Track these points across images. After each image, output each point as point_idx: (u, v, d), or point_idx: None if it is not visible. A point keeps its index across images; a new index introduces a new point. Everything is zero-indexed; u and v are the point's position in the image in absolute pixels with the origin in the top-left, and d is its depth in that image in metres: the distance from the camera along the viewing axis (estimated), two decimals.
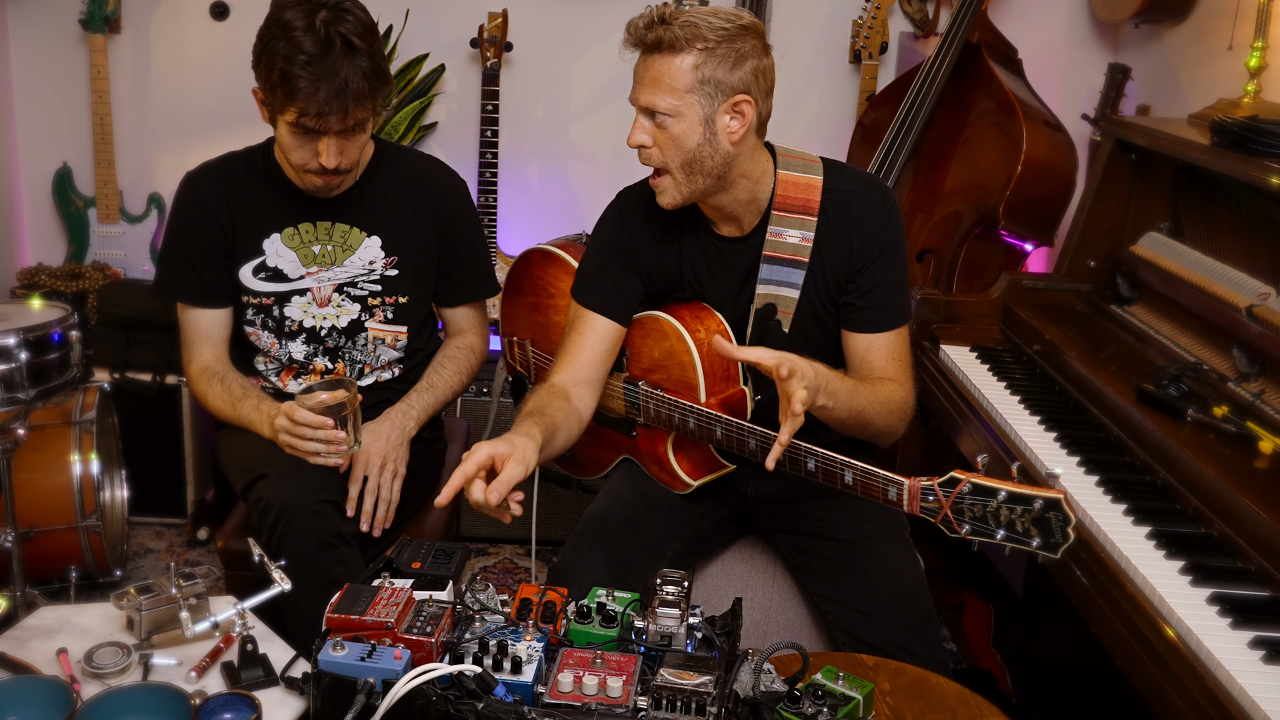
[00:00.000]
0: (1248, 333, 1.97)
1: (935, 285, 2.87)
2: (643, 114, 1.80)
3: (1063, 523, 1.44)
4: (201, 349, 2.15)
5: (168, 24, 3.33)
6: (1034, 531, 1.47)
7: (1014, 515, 1.47)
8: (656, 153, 1.81)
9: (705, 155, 1.80)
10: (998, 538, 1.50)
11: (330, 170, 1.98)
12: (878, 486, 1.63)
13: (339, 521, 1.95)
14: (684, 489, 1.99)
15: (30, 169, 3.40)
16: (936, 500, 1.55)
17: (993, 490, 1.50)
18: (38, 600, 2.30)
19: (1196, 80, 2.73)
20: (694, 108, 1.76)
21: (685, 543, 1.99)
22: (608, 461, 2.16)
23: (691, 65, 1.75)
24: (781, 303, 1.91)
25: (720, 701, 1.35)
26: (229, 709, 1.50)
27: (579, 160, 3.48)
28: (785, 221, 1.89)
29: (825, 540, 1.95)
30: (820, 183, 1.89)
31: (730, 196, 1.87)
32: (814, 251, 1.89)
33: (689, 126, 1.77)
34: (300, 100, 1.88)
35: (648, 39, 1.76)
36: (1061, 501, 1.45)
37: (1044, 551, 1.47)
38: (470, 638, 1.47)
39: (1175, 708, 1.44)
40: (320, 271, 2.13)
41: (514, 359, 2.37)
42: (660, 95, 1.76)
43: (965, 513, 1.52)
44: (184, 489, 3.10)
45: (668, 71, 1.75)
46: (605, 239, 2.00)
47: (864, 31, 3.25)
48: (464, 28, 3.25)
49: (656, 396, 1.94)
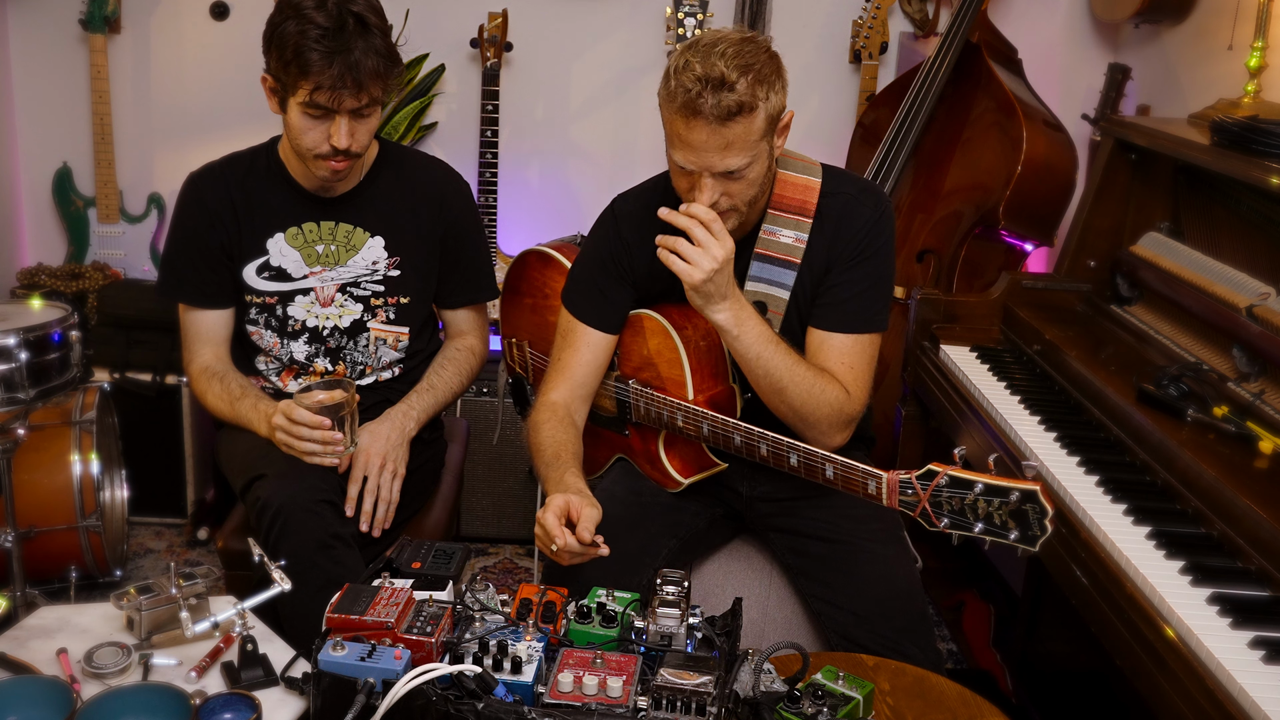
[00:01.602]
0: (1248, 333, 1.97)
1: (935, 285, 2.87)
2: (712, 176, 1.73)
3: (1040, 515, 1.44)
4: (202, 349, 2.15)
5: (168, 24, 3.33)
6: (1011, 524, 1.47)
7: (991, 508, 1.47)
8: (726, 200, 1.77)
9: (766, 181, 1.82)
10: (976, 530, 1.49)
11: (341, 151, 1.97)
12: (857, 480, 1.64)
13: (336, 522, 1.95)
14: (676, 487, 2.00)
15: (30, 169, 3.40)
16: (914, 493, 1.55)
17: (970, 483, 1.49)
18: (38, 600, 2.30)
19: (1196, 80, 2.73)
20: (764, 149, 1.76)
21: (680, 541, 1.99)
22: (603, 461, 2.16)
23: (764, 116, 1.71)
24: (772, 302, 1.91)
25: (720, 701, 1.35)
26: (229, 709, 1.50)
27: (579, 160, 3.48)
28: (780, 221, 1.89)
29: (820, 540, 1.94)
30: (818, 185, 1.89)
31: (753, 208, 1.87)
32: (805, 253, 1.89)
33: (763, 166, 1.77)
34: (314, 75, 1.88)
35: (719, 110, 1.66)
36: (1038, 493, 1.44)
37: (1022, 545, 1.46)
38: (470, 638, 1.47)
39: (1175, 708, 1.44)
40: (324, 271, 2.13)
41: (513, 360, 2.37)
42: (738, 156, 1.71)
43: (943, 505, 1.52)
44: (184, 489, 3.10)
45: (745, 133, 1.70)
46: (599, 249, 1.99)
47: (864, 31, 3.25)
48: (464, 28, 3.25)
49: (646, 394, 1.95)
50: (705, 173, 1.74)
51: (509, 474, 3.11)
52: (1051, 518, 1.44)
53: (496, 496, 3.13)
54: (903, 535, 1.99)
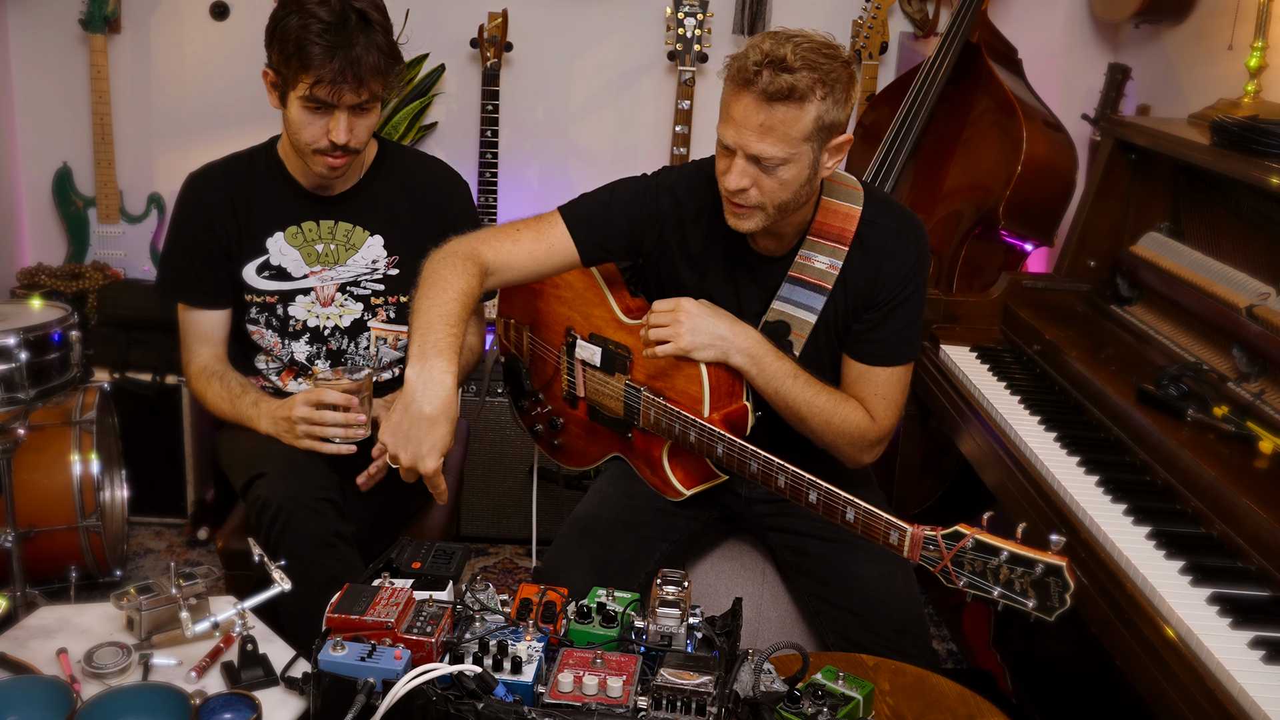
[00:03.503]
0: (1248, 333, 1.97)
1: (935, 285, 2.87)
2: (745, 158, 1.71)
3: (1061, 589, 1.41)
4: (201, 349, 2.15)
5: (168, 24, 3.33)
6: (1031, 593, 1.44)
7: (1014, 575, 1.45)
8: (755, 193, 1.73)
9: (803, 195, 1.76)
10: (994, 594, 1.47)
11: (340, 147, 1.97)
12: (879, 529, 1.60)
13: (337, 520, 1.95)
14: (676, 496, 1.97)
15: (30, 169, 3.40)
16: (938, 551, 1.53)
17: (996, 549, 1.47)
18: (38, 600, 2.29)
19: (1196, 80, 2.73)
20: (806, 154, 1.70)
21: (674, 544, 1.98)
22: (598, 456, 2.15)
23: (814, 116, 1.67)
24: (796, 324, 1.90)
25: (720, 701, 1.35)
26: (229, 709, 1.50)
27: (579, 160, 3.48)
28: (818, 248, 1.87)
29: (818, 539, 1.94)
30: (859, 213, 1.86)
31: (792, 217, 1.83)
32: (839, 279, 1.87)
33: (798, 172, 1.71)
34: (315, 69, 1.89)
35: (771, 88, 1.64)
36: (1063, 569, 1.41)
37: (1039, 614, 1.44)
38: (470, 638, 1.47)
39: (1175, 708, 1.44)
40: (324, 271, 2.14)
41: (509, 341, 2.32)
42: (776, 145, 1.68)
43: (965, 566, 1.49)
44: (184, 489, 3.10)
45: (789, 121, 1.66)
46: (627, 199, 1.94)
47: (864, 31, 3.25)
48: (464, 28, 3.25)
49: (658, 405, 1.91)
50: (740, 153, 1.71)
51: (509, 474, 3.11)
52: (1073, 592, 1.41)
53: (496, 496, 3.13)
54: None
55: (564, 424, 2.19)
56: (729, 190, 1.74)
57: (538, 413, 2.25)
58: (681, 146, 3.21)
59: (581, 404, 2.12)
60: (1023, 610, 1.45)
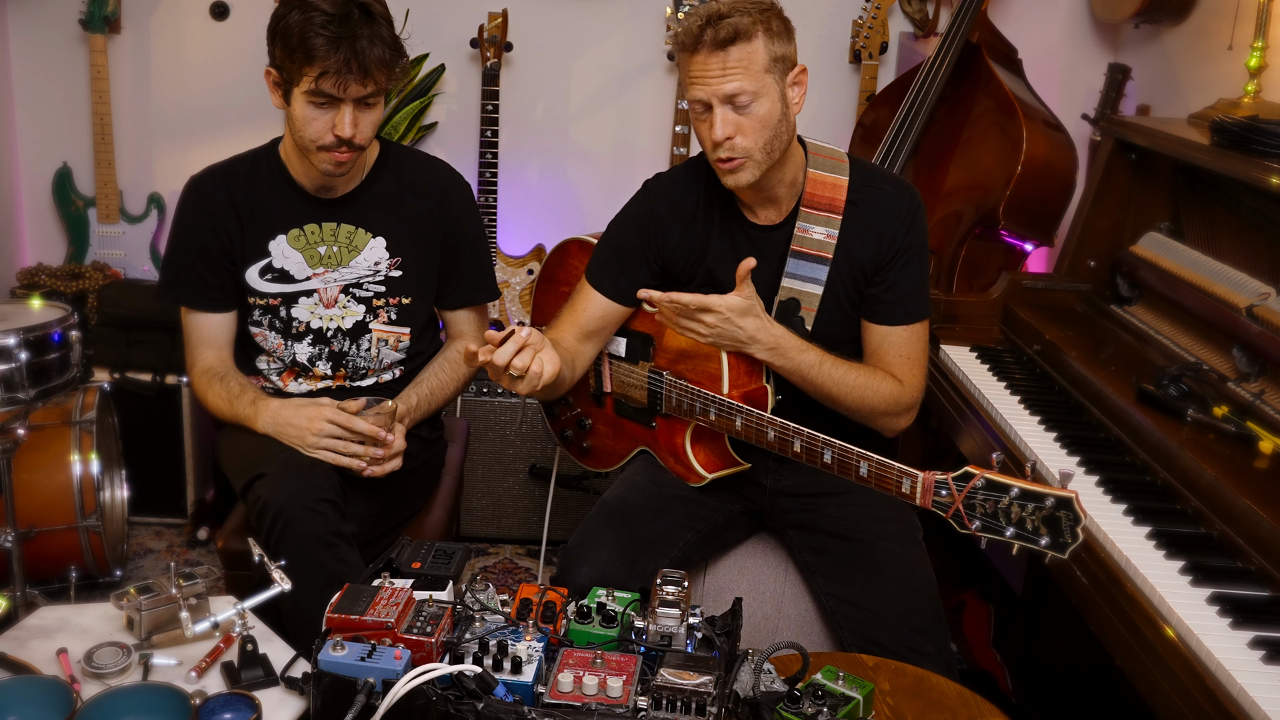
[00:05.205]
0: (1248, 333, 1.97)
1: (935, 285, 2.86)
2: (722, 105, 1.81)
3: (1072, 522, 1.44)
4: (205, 353, 2.15)
5: (168, 24, 3.33)
6: (1043, 530, 1.47)
7: (1025, 513, 1.48)
8: (741, 140, 1.83)
9: (782, 131, 1.86)
10: (1007, 535, 1.50)
11: (345, 142, 1.96)
12: (891, 479, 1.65)
13: (337, 520, 1.95)
14: (699, 481, 2.02)
15: (30, 169, 3.40)
16: (950, 494, 1.56)
17: (1005, 486, 1.50)
18: (38, 600, 2.30)
19: (1196, 80, 2.73)
20: (773, 87, 1.82)
21: (698, 534, 2.01)
22: (624, 453, 2.19)
23: (764, 46, 1.80)
24: (805, 299, 1.95)
25: (720, 701, 1.35)
26: (229, 709, 1.50)
27: (579, 160, 3.48)
28: (812, 218, 1.94)
29: (839, 538, 1.96)
30: (846, 182, 1.94)
31: (780, 173, 1.91)
32: (838, 247, 1.93)
33: (771, 105, 1.82)
34: (319, 61, 1.89)
35: (719, 36, 1.78)
36: (1073, 500, 1.45)
37: (1052, 550, 1.47)
38: (470, 638, 1.47)
39: (1175, 708, 1.44)
40: (326, 272, 2.13)
41: None
42: (741, 79, 1.79)
43: (977, 508, 1.52)
44: (184, 489, 3.10)
45: (745, 58, 1.78)
46: (627, 224, 2.06)
47: (864, 31, 3.25)
48: (464, 28, 3.25)
49: (680, 386, 1.98)
50: (715, 103, 1.80)
51: (509, 474, 3.11)
52: (1083, 525, 1.44)
53: (496, 496, 3.13)
54: (920, 537, 2.00)
55: (591, 424, 2.24)
56: (716, 141, 1.83)
57: (567, 416, 2.30)
58: (681, 146, 3.21)
59: (608, 400, 2.18)
60: (1037, 551, 1.47)
